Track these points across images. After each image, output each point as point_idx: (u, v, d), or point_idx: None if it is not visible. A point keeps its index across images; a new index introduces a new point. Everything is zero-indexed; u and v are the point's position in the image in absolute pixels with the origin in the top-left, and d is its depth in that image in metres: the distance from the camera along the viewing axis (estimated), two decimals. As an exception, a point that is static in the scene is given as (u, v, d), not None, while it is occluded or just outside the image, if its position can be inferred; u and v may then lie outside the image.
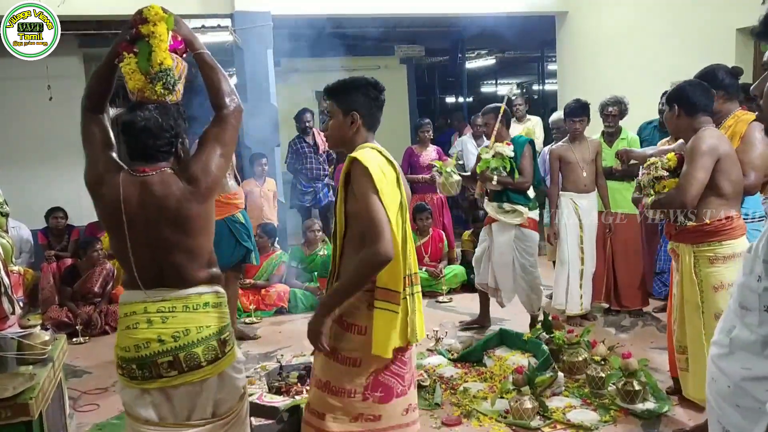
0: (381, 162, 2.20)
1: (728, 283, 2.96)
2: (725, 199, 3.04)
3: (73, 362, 4.70)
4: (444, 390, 3.94)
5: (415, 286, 2.29)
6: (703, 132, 3.06)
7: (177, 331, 2.13)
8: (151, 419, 2.16)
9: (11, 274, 2.95)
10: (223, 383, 2.22)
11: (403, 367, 2.33)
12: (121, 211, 2.11)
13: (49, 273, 5.85)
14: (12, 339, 2.67)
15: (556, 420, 3.47)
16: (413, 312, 2.25)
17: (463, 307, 5.88)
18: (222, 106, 2.23)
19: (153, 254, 2.15)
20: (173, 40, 2.23)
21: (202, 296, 2.18)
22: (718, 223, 3.03)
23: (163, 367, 2.12)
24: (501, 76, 15.73)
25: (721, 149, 3.00)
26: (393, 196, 2.19)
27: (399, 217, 2.21)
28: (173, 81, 2.15)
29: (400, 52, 10.89)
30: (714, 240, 3.04)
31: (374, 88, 2.34)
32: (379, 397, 2.28)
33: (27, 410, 2.38)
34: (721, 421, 1.31)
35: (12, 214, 3.34)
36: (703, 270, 3.06)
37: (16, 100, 7.71)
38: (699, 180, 2.99)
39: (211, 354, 2.16)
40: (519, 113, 7.88)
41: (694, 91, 3.14)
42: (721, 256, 3.04)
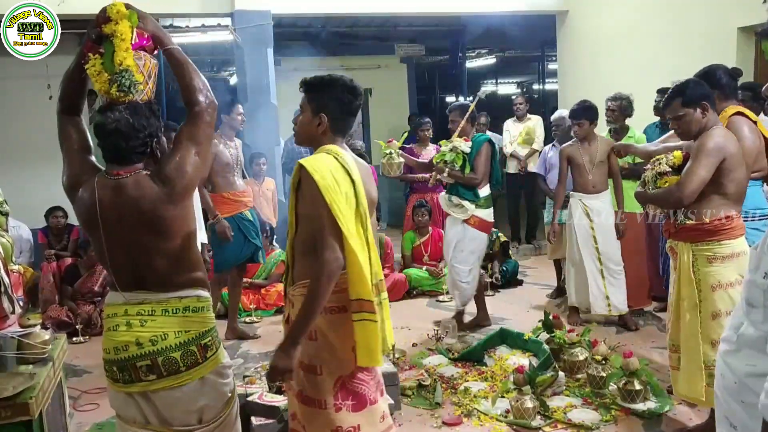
0: (334, 168, 2.15)
1: (726, 282, 2.96)
2: (727, 198, 3.02)
3: (73, 362, 4.70)
4: (444, 389, 3.93)
5: (382, 293, 2.24)
6: (713, 130, 3.04)
7: (155, 334, 2.09)
8: (138, 421, 2.14)
9: (11, 273, 2.94)
10: (205, 388, 2.16)
11: (369, 374, 2.27)
12: (97, 215, 2.09)
13: (49, 272, 5.84)
14: (12, 338, 2.66)
15: (557, 419, 3.47)
16: (382, 320, 2.19)
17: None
18: (194, 103, 2.16)
19: (130, 257, 2.12)
20: (139, 37, 2.16)
21: (182, 300, 2.14)
22: (717, 223, 3.00)
23: (141, 371, 2.09)
24: (501, 76, 15.74)
25: (728, 149, 2.98)
26: (347, 203, 2.13)
27: (358, 224, 2.16)
28: (129, 83, 2.07)
29: (401, 51, 10.88)
30: (713, 239, 3.01)
31: (350, 93, 2.28)
32: (352, 405, 2.23)
33: (27, 410, 2.37)
34: (728, 416, 1.31)
35: (12, 213, 3.33)
36: (701, 269, 3.03)
37: (15, 100, 7.70)
38: (700, 177, 2.96)
39: (191, 359, 2.12)
40: (519, 112, 7.88)
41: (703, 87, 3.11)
42: (719, 256, 3.01)
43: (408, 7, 7.73)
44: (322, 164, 2.14)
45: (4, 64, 2.13)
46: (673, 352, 3.21)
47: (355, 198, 2.16)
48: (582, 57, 7.63)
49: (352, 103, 2.28)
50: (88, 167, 2.17)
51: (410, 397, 3.83)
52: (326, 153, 2.21)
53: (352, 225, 2.12)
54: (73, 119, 2.24)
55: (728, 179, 2.99)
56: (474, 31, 10.60)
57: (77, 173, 2.16)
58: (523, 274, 6.76)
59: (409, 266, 6.50)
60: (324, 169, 2.12)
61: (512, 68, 14.72)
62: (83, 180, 2.14)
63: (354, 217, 2.15)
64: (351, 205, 2.15)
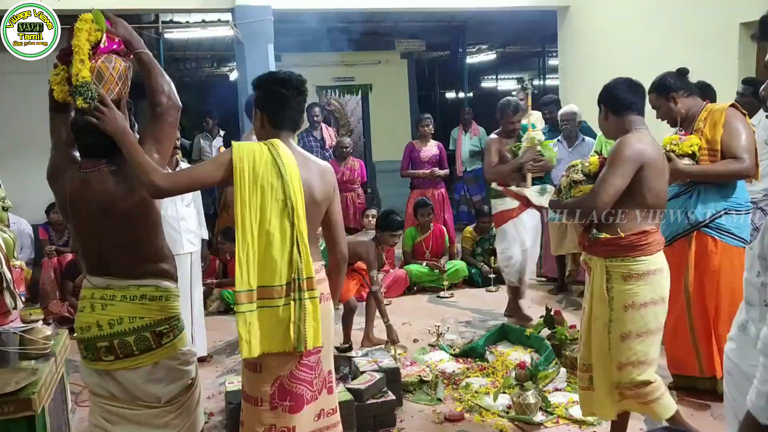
0: (260, 157, 2.17)
1: (641, 302, 2.70)
2: (644, 211, 2.74)
3: (74, 357, 4.68)
4: (446, 385, 3.93)
5: (306, 292, 2.19)
6: (630, 135, 2.77)
7: (113, 318, 2.27)
8: (105, 393, 2.33)
9: (13, 269, 2.94)
10: (160, 372, 2.32)
11: (309, 372, 2.28)
12: (67, 205, 2.29)
13: (50, 268, 5.84)
14: (14, 334, 2.66)
15: (559, 415, 3.47)
16: (300, 319, 2.17)
17: (465, 303, 5.88)
18: (157, 104, 2.31)
19: (97, 245, 2.31)
20: (109, 41, 2.27)
21: (140, 288, 2.29)
22: (633, 237, 2.71)
23: (102, 351, 2.28)
24: (502, 71, 15.70)
25: (646, 155, 2.71)
26: (264, 193, 2.16)
27: (284, 218, 2.17)
28: (91, 94, 2.18)
29: (401, 47, 10.85)
30: (628, 255, 2.71)
31: (280, 85, 2.30)
32: (289, 407, 2.24)
33: (30, 405, 2.37)
34: (738, 415, 1.30)
35: (12, 209, 3.33)
36: (615, 287, 2.73)
37: (16, 95, 7.69)
38: (615, 186, 2.69)
39: (144, 344, 2.28)
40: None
41: (619, 88, 2.87)
42: (635, 273, 2.71)
43: (408, 3, 7.71)
44: (247, 148, 2.20)
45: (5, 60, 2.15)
46: (584, 371, 2.93)
47: (282, 191, 2.18)
48: (583, 53, 7.61)
49: (284, 96, 2.30)
50: (70, 161, 2.34)
51: (412, 392, 3.84)
52: (263, 143, 2.25)
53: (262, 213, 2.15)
54: (62, 115, 2.40)
55: (646, 189, 2.72)
56: (474, 27, 10.59)
57: (58, 165, 2.35)
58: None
59: (409, 262, 6.50)
60: (245, 153, 2.17)
61: (513, 64, 14.68)
62: (61, 172, 2.33)
63: (278, 208, 2.17)
64: (275, 197, 2.17)
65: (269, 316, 2.17)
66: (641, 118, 2.85)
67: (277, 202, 2.17)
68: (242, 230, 2.14)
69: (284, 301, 2.17)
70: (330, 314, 2.39)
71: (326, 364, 2.37)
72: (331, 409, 2.39)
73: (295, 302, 2.17)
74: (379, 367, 3.68)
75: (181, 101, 2.41)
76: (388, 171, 9.26)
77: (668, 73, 3.56)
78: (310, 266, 2.21)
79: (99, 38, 2.23)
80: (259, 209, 2.16)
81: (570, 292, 6.00)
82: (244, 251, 2.14)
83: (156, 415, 2.32)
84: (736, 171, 3.38)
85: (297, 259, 2.17)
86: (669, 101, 3.52)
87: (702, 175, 3.44)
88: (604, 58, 7.16)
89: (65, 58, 2.26)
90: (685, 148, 3.40)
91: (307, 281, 2.20)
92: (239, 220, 2.15)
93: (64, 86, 2.27)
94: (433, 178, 7.00)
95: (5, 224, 3.15)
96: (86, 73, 2.18)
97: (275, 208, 2.17)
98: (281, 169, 2.18)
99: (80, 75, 2.16)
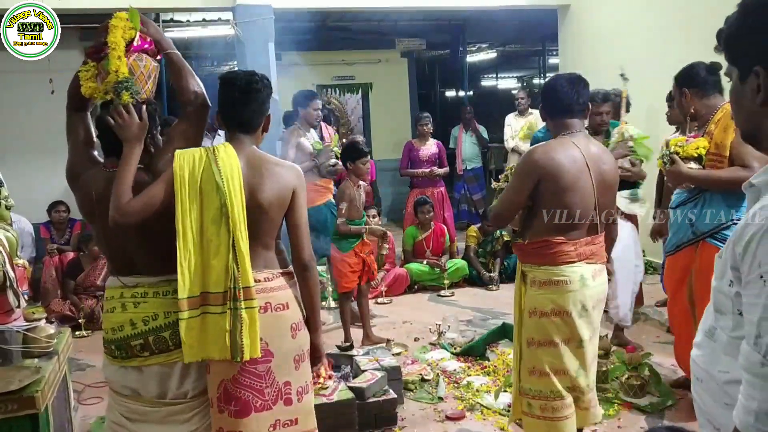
0: (199, 164, 2.17)
1: (541, 311, 2.60)
2: (553, 222, 2.57)
3: (76, 356, 4.70)
4: (447, 384, 3.94)
5: (243, 302, 2.14)
6: (542, 145, 2.62)
7: (147, 315, 2.25)
8: (129, 394, 2.31)
9: (16, 267, 2.95)
10: (192, 366, 2.29)
11: (257, 380, 2.23)
12: (93, 204, 2.27)
13: (51, 267, 5.85)
14: (17, 332, 2.67)
15: (560, 413, 3.48)
16: (236, 328, 2.13)
17: (465, 302, 5.89)
18: (188, 103, 2.32)
19: (124, 244, 2.28)
20: (141, 40, 2.29)
21: (171, 283, 2.24)
22: (535, 245, 2.62)
23: (136, 349, 2.26)
24: (502, 70, 15.72)
25: (548, 167, 2.52)
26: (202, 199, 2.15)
27: (222, 223, 2.15)
28: (137, 89, 2.22)
29: (401, 46, 10.85)
30: (533, 262, 2.64)
31: (227, 85, 2.30)
32: (235, 411, 2.23)
33: (33, 403, 2.38)
34: (711, 421, 1.31)
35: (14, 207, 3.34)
36: (526, 291, 2.68)
37: (17, 94, 7.68)
38: (511, 202, 2.62)
39: (179, 338, 2.21)
40: (521, 107, 7.90)
41: (554, 88, 2.68)
42: (537, 281, 2.62)
43: (409, 2, 7.70)
44: (187, 155, 2.20)
45: (6, 58, 2.13)
46: None
47: (218, 196, 2.15)
48: (584, 51, 7.61)
49: (229, 96, 2.29)
50: (89, 160, 2.34)
51: (413, 391, 3.85)
52: (205, 147, 2.25)
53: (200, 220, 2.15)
54: (80, 114, 2.40)
55: (549, 202, 2.55)
56: (475, 26, 10.59)
57: (78, 164, 2.34)
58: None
59: (410, 261, 6.51)
60: (185, 160, 2.17)
61: (513, 63, 14.69)
62: (82, 172, 2.31)
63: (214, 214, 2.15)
64: (211, 203, 2.15)
65: (210, 323, 2.16)
66: (576, 122, 2.65)
67: (213, 207, 2.16)
68: (183, 238, 2.14)
69: (221, 310, 2.15)
70: (284, 324, 2.28)
71: (280, 375, 2.27)
72: (289, 420, 2.32)
73: (230, 311, 2.14)
74: (380, 366, 3.69)
75: None
76: (388, 170, 9.26)
77: (696, 65, 3.29)
78: (248, 275, 2.15)
79: (133, 36, 2.25)
80: (199, 216, 2.16)
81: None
82: (186, 259, 2.14)
83: (180, 411, 2.30)
84: (738, 179, 3.10)
85: (233, 267, 2.13)
86: (681, 95, 3.31)
87: (706, 182, 3.21)
88: (605, 57, 7.16)
89: (95, 55, 2.26)
90: (690, 151, 3.18)
91: (244, 291, 2.14)
92: (180, 228, 2.13)
93: (93, 82, 2.26)
94: (432, 177, 7.01)
95: (8, 223, 3.15)
96: (125, 68, 2.20)
97: (211, 213, 2.16)
98: (215, 174, 2.17)
99: (120, 71, 2.18)
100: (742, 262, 1.14)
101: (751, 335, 1.08)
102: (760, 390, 1.05)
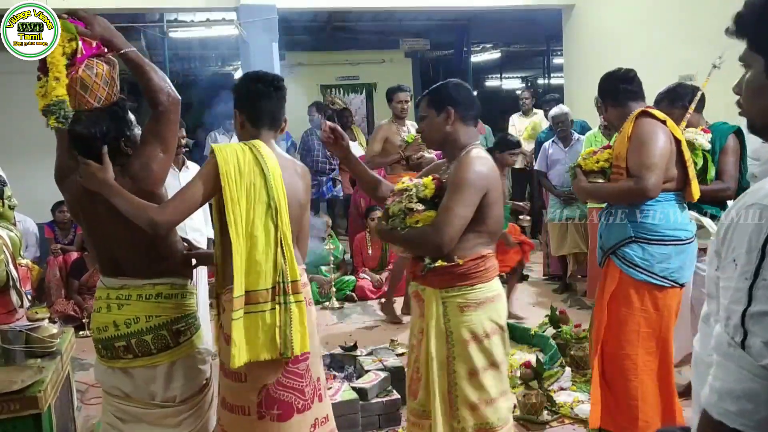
0: (243, 157, 2.15)
1: (482, 333, 2.37)
2: (484, 236, 2.41)
3: (79, 355, 4.70)
4: (451, 384, 3.92)
5: (291, 296, 2.14)
6: (473, 157, 2.39)
7: (129, 318, 2.25)
8: (119, 394, 2.31)
9: (19, 267, 2.95)
10: (177, 371, 2.30)
11: (299, 380, 2.21)
12: (78, 207, 2.29)
13: (55, 266, 5.86)
14: (20, 332, 2.67)
15: (564, 415, 3.47)
16: (287, 324, 2.12)
17: (469, 302, 5.87)
18: (156, 103, 2.19)
19: (109, 246, 2.30)
20: (87, 48, 2.15)
21: (155, 287, 2.27)
22: (470, 264, 2.37)
23: (120, 350, 2.27)
24: (506, 70, 15.70)
25: (490, 179, 2.36)
26: (254, 194, 2.13)
27: (268, 219, 2.14)
28: (66, 114, 2.08)
29: (405, 46, 10.86)
30: (464, 284, 2.37)
31: (256, 81, 2.28)
32: (278, 415, 2.18)
33: (36, 403, 2.38)
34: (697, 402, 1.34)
35: (18, 207, 3.34)
36: (452, 320, 2.38)
37: (20, 94, 7.65)
38: (463, 219, 2.31)
39: (161, 343, 2.26)
40: (525, 107, 7.88)
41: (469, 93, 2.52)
42: (473, 303, 2.38)
43: (413, 2, 7.70)
44: (229, 150, 2.17)
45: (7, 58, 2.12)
46: (425, 418, 2.45)
47: (266, 191, 2.15)
48: (588, 51, 7.59)
49: (261, 91, 2.27)
50: (75, 162, 2.27)
51: (416, 391, 3.83)
52: (243, 143, 2.22)
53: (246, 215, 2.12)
54: None
55: (487, 216, 2.38)
56: (479, 26, 10.58)
57: (64, 167, 2.33)
58: (529, 269, 6.74)
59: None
60: (229, 155, 2.14)
61: (517, 63, 14.67)
62: (69, 174, 2.30)
63: (261, 210, 2.14)
64: (259, 198, 2.14)
65: (255, 323, 2.12)
66: (476, 131, 2.54)
67: (261, 203, 2.14)
68: (236, 233, 2.10)
69: (270, 306, 2.12)
70: (314, 319, 2.31)
71: (315, 371, 2.29)
72: (324, 417, 2.33)
73: (280, 306, 2.13)
74: (383, 366, 3.68)
75: (185, 100, 2.35)
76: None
77: (611, 73, 3.12)
78: (296, 269, 2.17)
79: (75, 47, 2.11)
80: (245, 210, 2.13)
81: (574, 291, 5.99)
82: (239, 255, 2.10)
83: (170, 414, 2.31)
84: (626, 191, 2.82)
85: (281, 261, 2.13)
86: (599, 105, 3.10)
87: (599, 196, 3.08)
88: (609, 57, 7.13)
89: (45, 69, 2.13)
90: (591, 165, 2.97)
91: (292, 284, 2.15)
92: (234, 222, 2.10)
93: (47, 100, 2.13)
94: None
95: (12, 223, 3.15)
96: (61, 90, 2.07)
97: (259, 209, 2.13)
98: (264, 168, 2.16)
99: (54, 93, 2.06)
100: (722, 247, 1.16)
101: (722, 317, 1.10)
102: (726, 370, 1.06)
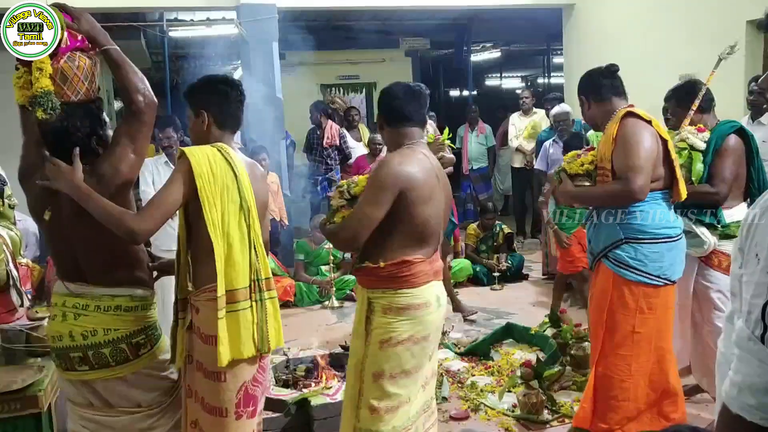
0: (214, 158, 2.16)
1: (398, 340, 2.34)
2: (411, 239, 2.38)
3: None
4: (451, 384, 3.93)
5: (266, 293, 2.21)
6: (394, 155, 2.41)
7: (86, 330, 2.15)
8: (81, 402, 2.24)
9: (20, 266, 2.95)
10: (139, 381, 2.24)
11: (265, 375, 2.29)
12: (41, 207, 2.19)
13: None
14: (21, 331, 2.67)
15: (564, 414, 3.46)
16: (263, 320, 2.18)
17: (470, 301, 5.86)
18: (132, 103, 2.16)
19: (70, 249, 2.21)
20: (72, 39, 2.14)
21: (114, 299, 2.18)
22: (392, 267, 2.35)
23: (75, 361, 2.17)
24: (506, 69, 15.70)
25: (408, 179, 2.32)
26: (227, 196, 2.15)
27: (241, 219, 2.17)
28: (53, 105, 2.06)
29: (405, 45, 10.85)
30: (389, 287, 2.37)
31: (224, 84, 2.30)
32: (251, 412, 2.22)
33: (36, 402, 2.39)
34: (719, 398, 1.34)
35: (18, 207, 3.34)
36: (374, 321, 2.38)
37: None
38: (369, 218, 2.31)
39: (120, 356, 2.18)
40: (526, 106, 7.88)
41: (393, 95, 2.51)
42: (395, 307, 2.35)
43: (413, 1, 7.70)
44: (200, 152, 2.17)
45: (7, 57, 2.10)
46: None
47: (237, 192, 2.17)
48: (588, 51, 7.59)
49: (228, 94, 2.29)
50: (41, 160, 2.20)
51: (417, 391, 3.83)
52: (210, 146, 2.23)
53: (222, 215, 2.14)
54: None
55: (408, 217, 2.35)
56: (479, 25, 10.57)
57: (29, 165, 2.24)
58: (529, 269, 6.75)
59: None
60: (201, 156, 2.15)
61: (517, 62, 14.67)
62: (33, 172, 2.21)
63: (234, 210, 2.17)
64: (231, 199, 2.16)
65: (236, 320, 2.15)
66: (417, 131, 2.49)
67: (234, 203, 2.17)
68: (215, 234, 2.12)
69: (248, 304, 2.17)
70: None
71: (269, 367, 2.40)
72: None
73: (256, 303, 2.18)
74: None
75: (185, 99, 2.37)
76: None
77: (593, 70, 3.02)
78: (267, 267, 2.23)
79: (60, 38, 2.11)
80: (220, 211, 2.15)
81: (574, 291, 5.98)
82: (219, 254, 2.12)
83: (137, 419, 2.24)
84: (614, 194, 2.78)
85: (255, 260, 2.19)
86: (581, 104, 3.00)
87: (585, 199, 3.05)
88: (610, 56, 7.10)
89: (24, 61, 2.12)
90: (576, 168, 2.92)
91: (266, 281, 2.21)
92: (212, 222, 2.11)
93: (26, 91, 2.12)
94: None
95: (12, 222, 3.15)
96: (46, 81, 2.05)
97: (232, 209, 2.16)
98: (235, 170, 2.18)
99: (39, 84, 2.04)
100: (745, 243, 1.19)
101: (744, 311, 1.12)
102: (746, 364, 1.08)
